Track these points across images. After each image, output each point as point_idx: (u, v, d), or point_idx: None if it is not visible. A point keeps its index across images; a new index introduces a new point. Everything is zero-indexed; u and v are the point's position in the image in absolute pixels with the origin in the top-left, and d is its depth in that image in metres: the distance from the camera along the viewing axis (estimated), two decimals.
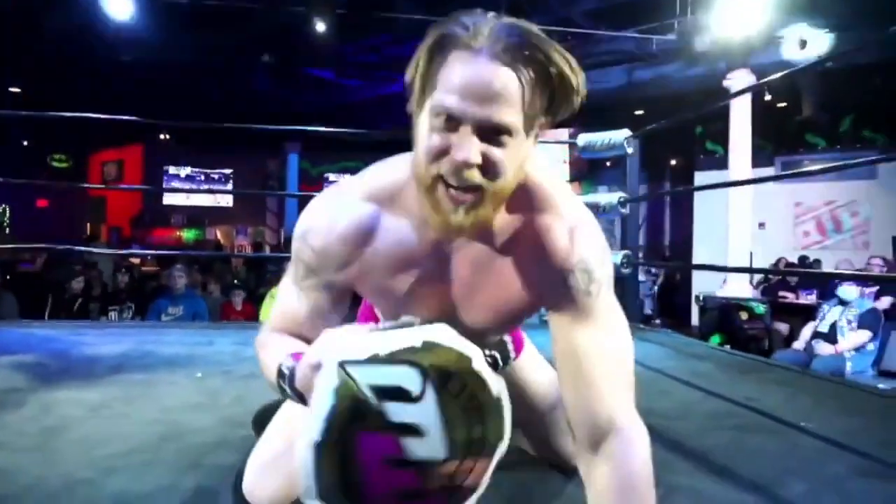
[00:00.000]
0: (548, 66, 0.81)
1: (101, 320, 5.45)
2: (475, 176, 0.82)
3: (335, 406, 0.71)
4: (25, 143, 13.67)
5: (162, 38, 8.46)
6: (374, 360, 0.72)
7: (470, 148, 0.80)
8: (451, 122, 0.81)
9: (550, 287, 0.94)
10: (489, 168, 0.83)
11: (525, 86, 0.80)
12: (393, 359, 0.72)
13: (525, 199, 0.94)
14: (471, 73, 0.79)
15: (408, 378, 0.72)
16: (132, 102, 11.49)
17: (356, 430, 0.71)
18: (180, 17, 8.09)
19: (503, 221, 0.94)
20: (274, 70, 9.26)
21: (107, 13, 6.61)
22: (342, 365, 0.71)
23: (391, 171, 0.99)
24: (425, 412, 0.72)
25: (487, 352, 1.23)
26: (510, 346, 1.33)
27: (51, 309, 5.69)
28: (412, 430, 0.72)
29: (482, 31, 0.80)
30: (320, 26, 6.83)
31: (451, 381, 0.73)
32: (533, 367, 1.38)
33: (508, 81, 0.79)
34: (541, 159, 1.00)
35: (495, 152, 0.82)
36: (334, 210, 0.97)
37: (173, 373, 2.30)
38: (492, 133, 0.81)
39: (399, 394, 0.71)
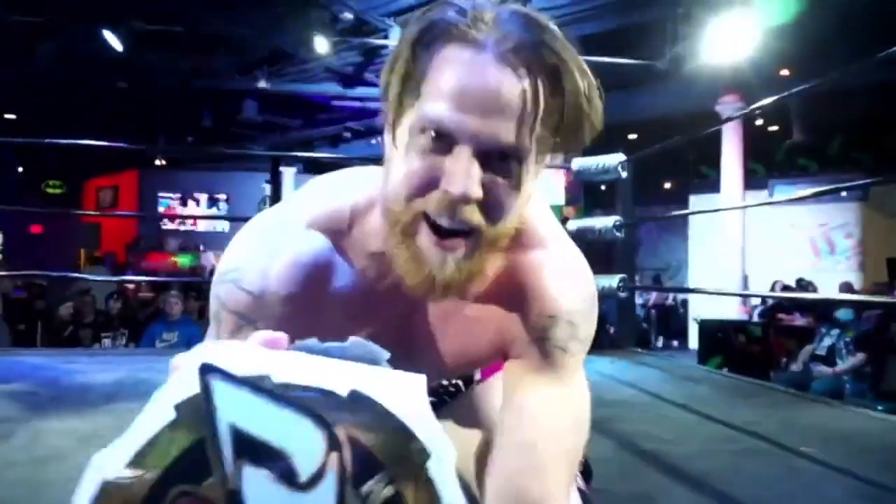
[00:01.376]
0: (566, 72, 0.62)
1: (94, 347, 5.40)
2: (473, 215, 0.62)
3: (166, 430, 0.40)
4: (20, 169, 13.69)
5: (156, 64, 8.54)
6: (259, 387, 0.40)
7: (469, 176, 0.60)
8: (443, 141, 0.61)
9: (526, 334, 0.76)
10: (492, 205, 0.63)
11: (540, 98, 0.61)
12: (290, 400, 0.40)
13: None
14: (471, 76, 0.60)
15: (301, 441, 0.40)
16: (127, 128, 11.58)
17: (182, 493, 0.40)
18: (174, 43, 8.17)
19: None
20: (269, 94, 9.32)
21: (103, 41, 6.66)
22: (205, 370, 0.41)
23: (345, 191, 0.76)
24: None
25: (450, 381, 1.05)
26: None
27: (41, 336, 5.65)
28: None
29: (484, 18, 0.60)
30: (319, 48, 6.88)
31: (375, 480, 0.41)
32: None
33: (520, 91, 0.60)
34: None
35: (501, 184, 0.62)
36: (273, 242, 0.73)
37: None
38: (496, 158, 0.61)
39: (276, 464, 0.40)
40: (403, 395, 0.42)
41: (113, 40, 6.36)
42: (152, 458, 0.40)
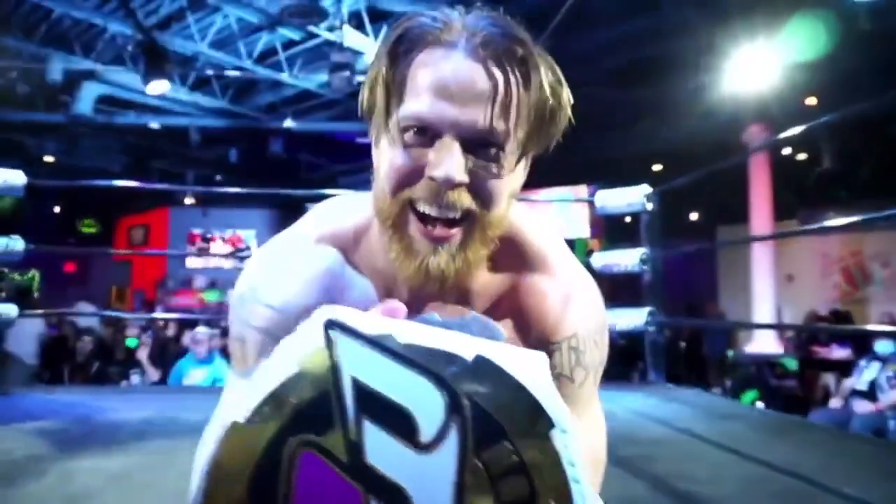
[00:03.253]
0: (535, 67, 0.64)
1: (122, 384, 5.46)
2: (463, 198, 0.63)
3: (291, 382, 0.41)
4: (57, 209, 14.11)
5: (187, 104, 8.82)
6: (384, 345, 0.40)
7: (452, 162, 0.61)
8: (425, 134, 0.63)
9: None
10: (480, 189, 0.64)
11: (513, 86, 0.63)
12: (414, 360, 0.40)
13: (513, 256, 0.76)
14: (446, 71, 0.62)
15: (423, 401, 0.40)
16: (158, 167, 11.91)
17: (302, 442, 0.41)
18: (206, 85, 8.45)
19: (484, 281, 0.75)
20: (296, 133, 9.54)
21: (142, 88, 6.90)
22: (329, 325, 0.41)
23: (350, 210, 0.79)
24: (427, 476, 0.40)
25: None
26: None
27: (69, 373, 5.73)
28: (392, 495, 0.40)
29: (454, 23, 0.64)
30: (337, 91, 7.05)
31: (497, 446, 0.40)
32: None
33: (495, 80, 0.62)
34: (537, 213, 0.84)
35: (485, 169, 0.64)
36: (288, 256, 0.76)
37: (195, 439, 2.27)
38: (478, 145, 0.63)
39: (397, 422, 0.40)
40: (528, 367, 0.42)
41: (156, 87, 6.58)
42: (277, 407, 0.41)
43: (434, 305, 0.74)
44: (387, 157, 0.66)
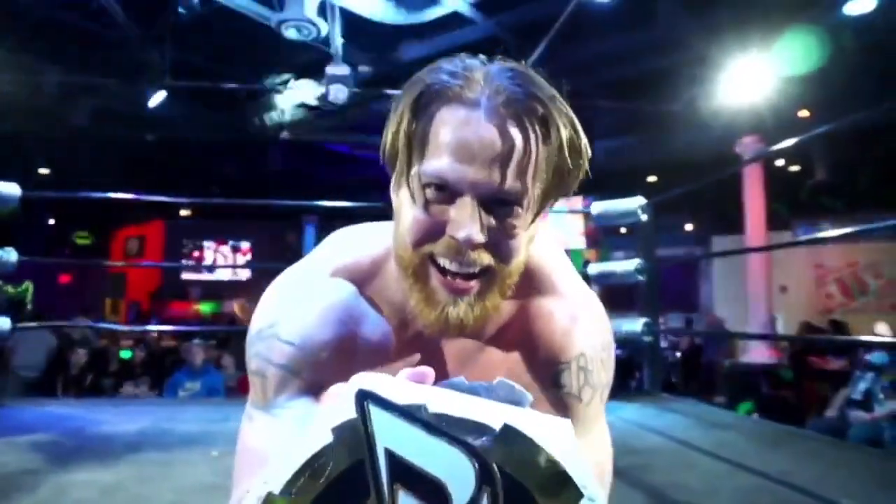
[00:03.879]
0: (555, 126, 0.65)
1: (116, 396, 5.43)
2: (483, 257, 0.65)
3: (326, 452, 0.42)
4: (51, 220, 14.07)
5: (184, 117, 8.84)
6: (415, 416, 0.41)
7: (472, 223, 0.63)
8: (445, 192, 0.64)
9: (538, 383, 0.76)
10: (499, 246, 0.66)
11: (534, 147, 0.64)
12: (444, 429, 0.41)
13: (522, 278, 0.75)
14: (467, 131, 0.63)
15: (454, 471, 0.41)
16: (154, 179, 11.90)
17: None
18: (202, 97, 8.47)
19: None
20: (291, 145, 9.56)
21: (138, 100, 6.91)
22: (363, 398, 0.42)
23: (366, 243, 0.80)
24: None
25: None
26: None
27: (62, 385, 5.69)
28: None
29: (475, 78, 0.64)
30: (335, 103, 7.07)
31: None
32: None
33: (515, 141, 0.63)
34: (542, 231, 0.82)
35: (504, 227, 0.65)
36: (304, 291, 0.77)
37: (189, 451, 2.26)
38: (498, 203, 0.64)
39: (430, 492, 0.41)
40: (554, 434, 0.42)
41: (156, 99, 6.58)
42: (312, 477, 0.42)
43: (448, 342, 0.76)
44: (407, 209, 0.67)
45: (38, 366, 5.73)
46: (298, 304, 0.75)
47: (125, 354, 6.56)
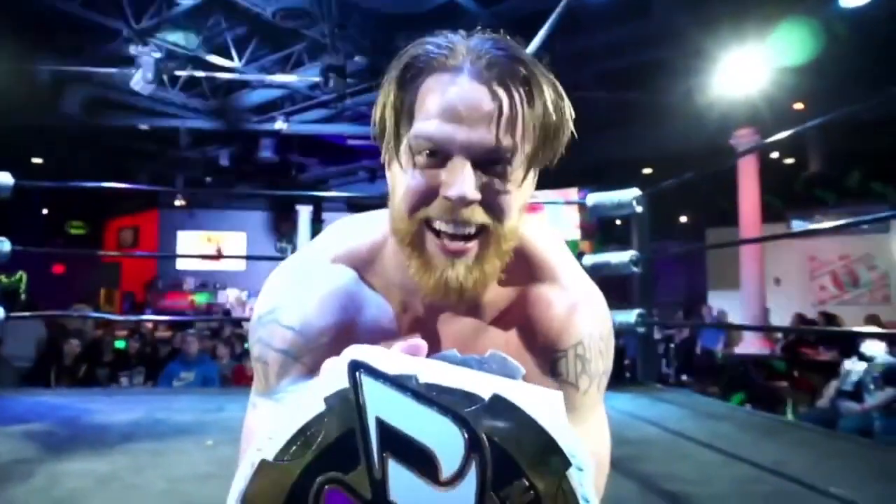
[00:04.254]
0: (538, 86, 0.66)
1: (111, 386, 5.42)
2: (477, 214, 0.66)
3: (318, 420, 0.42)
4: (45, 210, 13.98)
5: (178, 106, 8.78)
6: (405, 385, 0.42)
7: (465, 180, 0.64)
8: (436, 155, 0.65)
9: (536, 370, 0.76)
10: (492, 204, 0.66)
11: (517, 105, 0.65)
12: (434, 398, 0.41)
13: (520, 266, 0.77)
14: (453, 94, 0.64)
15: (443, 439, 0.41)
16: (148, 169, 11.84)
17: (328, 479, 0.42)
18: (195, 86, 8.41)
19: (494, 292, 0.77)
20: (286, 135, 9.51)
21: (128, 86, 6.85)
22: (355, 368, 0.42)
23: (365, 230, 0.81)
24: None
25: None
26: None
27: (55, 375, 5.66)
28: None
29: (458, 48, 0.66)
30: (329, 92, 7.03)
31: (514, 483, 0.42)
32: None
33: (501, 100, 0.65)
34: (539, 221, 0.84)
35: (496, 185, 0.66)
36: (305, 277, 0.78)
37: (183, 441, 2.26)
38: (488, 162, 0.65)
39: (419, 460, 0.41)
40: (544, 405, 0.43)
41: (139, 84, 6.53)
42: (303, 445, 0.43)
43: (448, 324, 0.76)
44: (400, 179, 0.68)
45: (29, 356, 5.71)
46: (299, 290, 0.77)
47: (119, 344, 6.54)
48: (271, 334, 0.76)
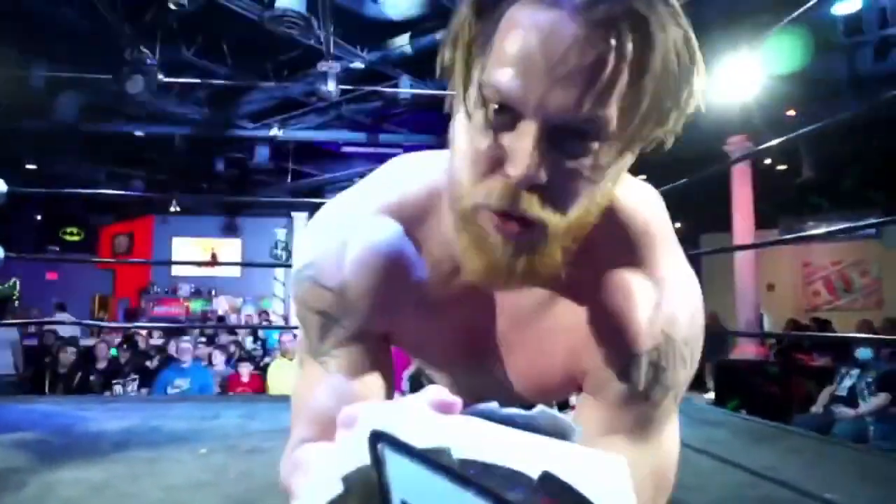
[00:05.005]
0: (659, 32, 0.50)
1: (105, 395, 5.39)
2: (534, 206, 0.53)
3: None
4: (39, 217, 13.94)
5: (173, 112, 8.77)
6: (437, 463, 0.34)
7: (533, 157, 0.50)
8: (507, 114, 0.52)
9: (603, 371, 0.64)
10: (558, 191, 0.53)
11: (626, 60, 0.50)
12: (471, 478, 0.34)
13: (607, 234, 0.63)
14: (540, 36, 0.49)
15: None
16: (143, 175, 11.80)
17: None
18: (191, 93, 8.41)
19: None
20: (282, 141, 9.52)
21: (123, 92, 6.85)
22: (377, 439, 0.36)
23: (424, 173, 0.70)
24: None
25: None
26: None
27: (50, 383, 5.65)
28: None
29: None
30: (326, 98, 7.04)
31: None
32: None
33: (603, 54, 0.49)
34: (646, 189, 0.69)
35: (573, 166, 0.52)
36: (346, 231, 0.68)
37: (178, 449, 2.25)
38: (571, 136, 0.51)
39: None
40: (604, 478, 0.36)
41: (135, 86, 6.53)
42: None
43: (507, 295, 0.65)
44: (461, 137, 0.56)
45: (7, 363, 5.68)
46: (338, 244, 0.68)
47: (112, 352, 6.52)
48: (308, 293, 0.69)
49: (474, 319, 0.70)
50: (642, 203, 0.67)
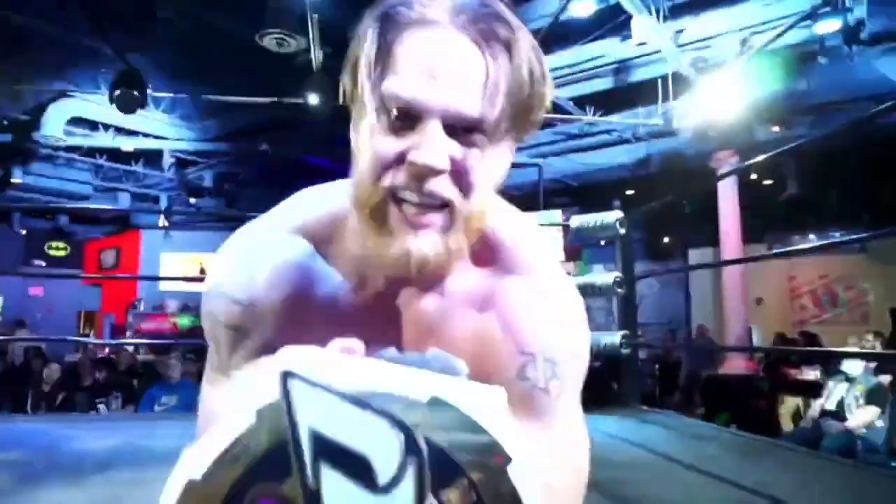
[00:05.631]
0: (522, 49, 0.61)
1: (89, 413, 5.31)
2: (443, 187, 0.60)
3: (249, 433, 0.41)
4: (23, 231, 13.80)
5: (160, 127, 8.76)
6: (340, 392, 0.40)
7: (435, 147, 0.58)
8: (406, 118, 0.59)
9: (501, 373, 0.69)
10: (462, 177, 0.61)
11: (498, 68, 0.60)
12: (369, 403, 0.40)
13: (491, 253, 0.72)
14: (430, 50, 0.59)
15: (379, 445, 0.40)
16: (132, 189, 11.75)
17: (261, 491, 0.41)
18: (180, 107, 8.41)
19: (461, 279, 0.71)
20: (271, 157, 9.51)
21: (110, 106, 6.83)
22: (286, 377, 0.40)
23: (326, 199, 0.75)
24: None
25: None
26: None
27: (32, 401, 5.56)
28: None
29: (440, 0, 0.61)
30: (315, 115, 7.06)
31: (457, 483, 0.41)
32: None
33: (479, 61, 0.59)
34: (521, 214, 0.78)
35: (469, 156, 0.60)
36: (256, 248, 0.72)
37: (165, 470, 2.21)
38: (461, 130, 0.60)
39: (354, 467, 0.40)
40: (484, 404, 0.42)
41: (131, 104, 6.52)
42: (234, 460, 0.42)
43: (411, 303, 0.70)
44: (366, 145, 0.62)
45: None
46: (249, 262, 0.71)
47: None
48: (220, 309, 0.71)
49: (384, 332, 0.72)
50: (513, 223, 0.75)
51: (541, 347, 0.70)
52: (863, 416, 4.51)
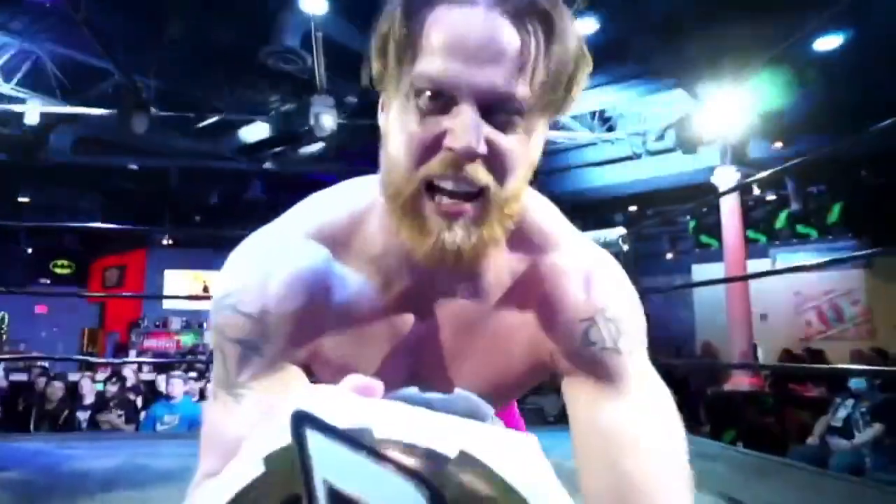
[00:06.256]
0: (560, 25, 0.58)
1: (92, 431, 5.29)
2: (479, 173, 0.58)
3: (257, 484, 0.38)
4: (30, 249, 13.87)
5: (166, 145, 8.81)
6: (358, 442, 0.36)
7: (471, 130, 0.56)
8: (440, 99, 0.57)
9: (565, 346, 0.68)
10: (497, 162, 0.58)
11: (536, 46, 0.57)
12: (391, 458, 0.36)
13: (523, 239, 0.70)
14: (463, 28, 0.56)
15: (403, 503, 0.36)
16: (135, 207, 11.81)
17: None
18: (183, 125, 8.46)
19: (497, 269, 0.70)
20: (274, 174, 9.56)
21: (117, 125, 6.89)
22: (299, 420, 0.37)
23: (345, 201, 0.72)
24: None
25: None
26: None
27: (35, 420, 5.54)
28: None
29: None
30: (321, 132, 7.10)
31: None
32: None
33: (516, 38, 0.56)
34: (538, 195, 0.76)
35: (505, 139, 0.58)
36: (270, 257, 0.68)
37: (167, 488, 2.20)
38: (497, 110, 0.57)
39: None
40: (517, 456, 0.38)
41: (137, 123, 6.57)
42: None
43: (446, 307, 0.67)
44: (397, 129, 0.60)
45: None
46: (260, 271, 0.67)
47: (97, 388, 6.41)
48: (227, 322, 0.67)
49: (416, 335, 0.71)
50: (537, 205, 0.74)
51: (599, 308, 0.68)
52: (869, 434, 4.47)
